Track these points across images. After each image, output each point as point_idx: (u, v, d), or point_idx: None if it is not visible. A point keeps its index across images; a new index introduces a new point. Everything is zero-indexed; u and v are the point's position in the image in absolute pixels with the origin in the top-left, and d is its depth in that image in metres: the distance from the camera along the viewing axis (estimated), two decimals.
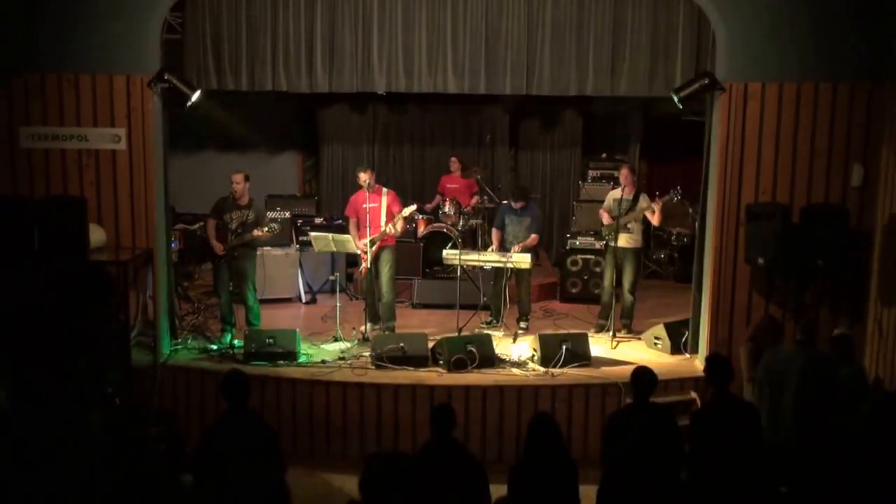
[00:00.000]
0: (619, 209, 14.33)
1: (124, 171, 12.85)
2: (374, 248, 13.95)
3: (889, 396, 10.08)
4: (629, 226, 14.39)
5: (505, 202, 15.48)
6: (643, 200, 14.38)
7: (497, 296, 14.90)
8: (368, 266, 14.02)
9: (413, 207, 14.43)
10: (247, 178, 13.95)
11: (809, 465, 8.86)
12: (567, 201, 19.24)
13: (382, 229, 13.98)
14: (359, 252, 14.15)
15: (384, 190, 14.38)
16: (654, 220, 14.54)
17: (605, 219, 14.64)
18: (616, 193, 14.63)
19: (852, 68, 12.46)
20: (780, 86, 12.60)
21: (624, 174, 14.70)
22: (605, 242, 15.03)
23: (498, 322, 14.75)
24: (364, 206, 14.11)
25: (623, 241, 14.46)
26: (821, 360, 9.92)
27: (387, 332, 13.79)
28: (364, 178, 14.13)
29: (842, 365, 10.02)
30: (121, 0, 12.51)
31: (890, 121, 12.17)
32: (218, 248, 13.84)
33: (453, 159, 17.94)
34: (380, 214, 14.09)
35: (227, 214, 13.87)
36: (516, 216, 14.78)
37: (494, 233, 15.10)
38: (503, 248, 14.71)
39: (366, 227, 14.00)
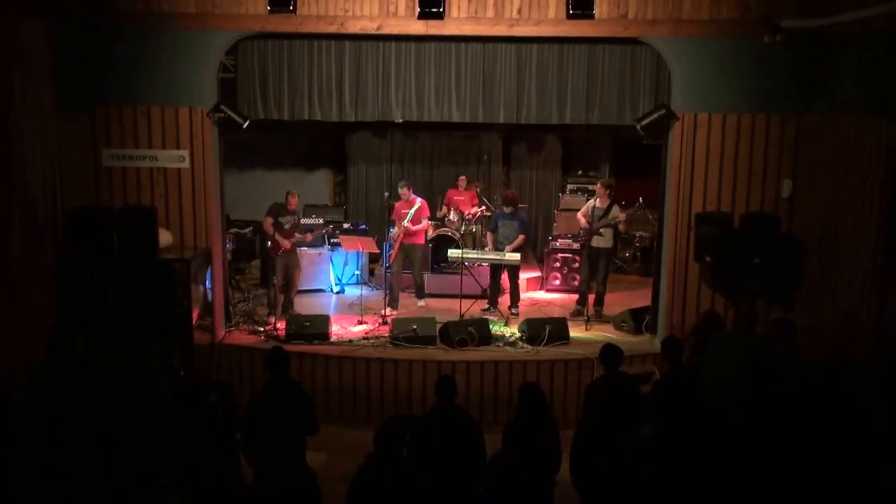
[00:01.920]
0: (594, 217, 14.38)
1: (187, 185, 12.88)
2: (399, 237, 14.79)
3: (812, 370, 10.10)
4: (601, 231, 14.42)
5: (499, 209, 15.50)
6: (615, 210, 14.41)
7: (494, 287, 14.98)
8: (396, 254, 14.71)
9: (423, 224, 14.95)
10: None
11: (751, 427, 8.90)
12: (549, 210, 19.18)
13: (403, 224, 14.72)
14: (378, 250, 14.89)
15: (417, 200, 14.97)
16: (621, 227, 14.64)
17: (583, 222, 14.71)
18: (592, 203, 14.69)
19: (783, 102, 12.52)
20: (724, 116, 12.66)
21: (598, 188, 14.80)
22: (581, 243, 15.07)
23: (494, 308, 14.78)
24: (402, 210, 14.90)
25: (597, 242, 14.50)
26: (760, 341, 9.95)
27: (407, 318, 13.75)
28: (404, 192, 14.90)
29: (782, 345, 10.03)
30: (184, 46, 12.54)
31: (813, 145, 12.21)
32: (286, 244, 14.12)
33: (463, 177, 17.92)
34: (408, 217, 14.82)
35: (282, 218, 14.13)
36: (507, 220, 14.83)
37: (489, 235, 15.20)
38: (497, 247, 14.76)
39: (400, 225, 14.86)
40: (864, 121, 10.70)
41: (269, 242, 14.26)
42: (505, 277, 14.95)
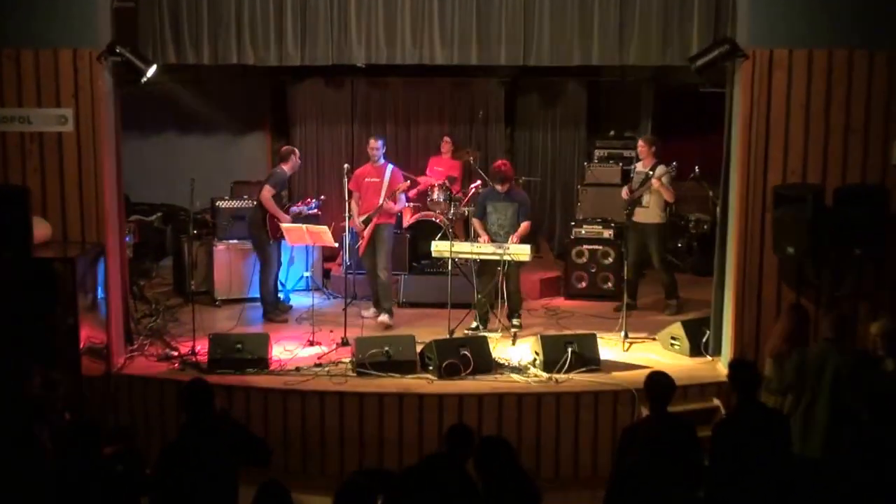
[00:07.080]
0: (636, 182, 14.58)
1: (72, 156, 12.83)
2: (370, 225, 14.69)
3: None
4: (643, 200, 14.53)
5: (486, 189, 15.35)
6: (659, 170, 14.58)
7: (486, 298, 14.63)
8: (366, 245, 14.76)
9: (406, 184, 14.72)
10: None
11: (843, 480, 8.88)
12: (571, 185, 19.20)
13: (378, 204, 14.64)
14: (355, 232, 14.88)
15: (389, 166, 15.01)
16: (665, 193, 14.90)
17: (625, 193, 15.03)
18: (638, 167, 14.92)
19: (893, 32, 12.47)
20: (809, 52, 12.60)
21: (640, 146, 15.06)
22: (624, 225, 15.34)
23: (484, 326, 14.65)
24: (366, 179, 14.93)
25: (640, 216, 14.96)
26: (856, 359, 9.93)
27: (375, 336, 13.72)
28: (372, 145, 15.06)
29: (888, 362, 10.00)
30: None
31: None
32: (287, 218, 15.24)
33: (446, 139, 17.94)
34: (379, 190, 14.75)
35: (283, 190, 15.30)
36: (500, 202, 14.61)
37: (477, 223, 14.97)
38: (492, 239, 14.48)
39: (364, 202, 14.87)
40: None
41: (268, 224, 15.04)
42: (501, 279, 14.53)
